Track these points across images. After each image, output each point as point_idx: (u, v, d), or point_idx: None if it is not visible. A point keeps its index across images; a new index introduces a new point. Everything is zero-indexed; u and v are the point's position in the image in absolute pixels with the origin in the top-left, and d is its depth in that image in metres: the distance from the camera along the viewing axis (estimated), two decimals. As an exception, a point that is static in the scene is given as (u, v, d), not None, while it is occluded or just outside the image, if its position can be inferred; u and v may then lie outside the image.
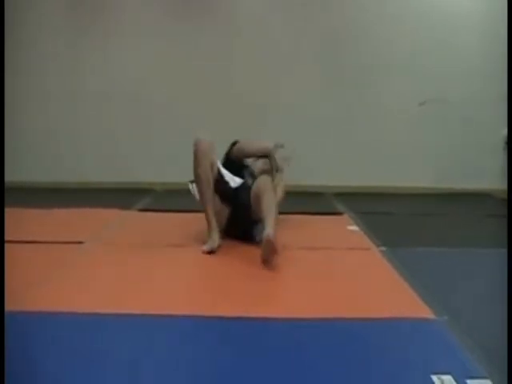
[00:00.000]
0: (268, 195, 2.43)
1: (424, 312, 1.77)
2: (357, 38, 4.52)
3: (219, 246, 2.51)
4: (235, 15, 4.56)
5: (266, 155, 2.79)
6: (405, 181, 4.49)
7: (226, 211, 2.62)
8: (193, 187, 2.65)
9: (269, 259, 2.22)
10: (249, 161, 2.93)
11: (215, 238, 2.51)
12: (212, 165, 2.59)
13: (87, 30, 4.57)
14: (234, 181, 2.68)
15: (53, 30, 4.58)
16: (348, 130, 4.55)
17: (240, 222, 2.62)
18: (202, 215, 2.64)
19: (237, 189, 2.65)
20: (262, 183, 2.52)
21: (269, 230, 2.20)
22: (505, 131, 4.33)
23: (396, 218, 3.48)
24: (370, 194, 4.34)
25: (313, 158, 4.52)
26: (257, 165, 2.95)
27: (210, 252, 2.46)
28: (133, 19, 4.57)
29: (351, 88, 4.53)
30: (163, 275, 2.17)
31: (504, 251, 2.33)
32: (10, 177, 3.41)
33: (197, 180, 2.59)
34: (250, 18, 4.55)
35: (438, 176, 4.53)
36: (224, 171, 2.68)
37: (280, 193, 2.88)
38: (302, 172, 4.48)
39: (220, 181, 2.62)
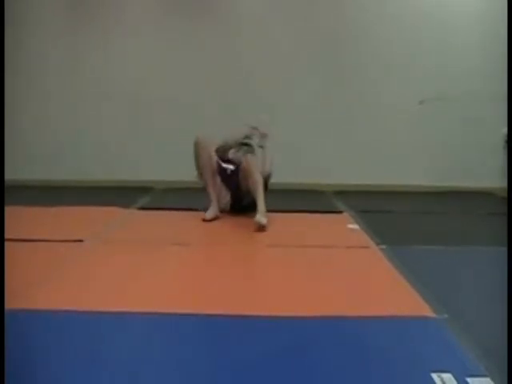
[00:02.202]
0: (253, 178, 3.12)
1: (424, 310, 1.76)
2: (357, 38, 4.52)
3: (217, 217, 3.20)
4: (235, 15, 4.57)
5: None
6: (405, 179, 4.49)
7: (223, 189, 3.34)
8: (197, 176, 3.36)
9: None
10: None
11: (215, 210, 3.22)
12: (210, 157, 3.30)
13: (87, 30, 4.57)
14: (229, 167, 3.33)
15: (53, 30, 4.58)
16: (348, 129, 4.55)
17: (237, 197, 3.36)
18: (200, 214, 3.14)
19: (232, 172, 3.31)
20: (246, 165, 3.19)
21: (259, 216, 2.93)
22: (505, 130, 4.33)
23: (396, 216, 3.48)
24: (370, 193, 4.34)
25: (313, 156, 4.52)
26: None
27: (211, 219, 3.15)
28: (133, 19, 4.57)
29: (351, 88, 4.53)
30: (163, 273, 2.16)
31: (504, 249, 2.33)
32: (10, 175, 3.41)
33: (199, 168, 3.30)
34: (250, 18, 4.55)
35: (438, 175, 4.53)
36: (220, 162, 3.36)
37: (268, 167, 3.40)
38: (302, 170, 4.49)
39: (219, 167, 3.32)
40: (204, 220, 3.13)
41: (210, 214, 3.19)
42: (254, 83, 4.51)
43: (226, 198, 3.37)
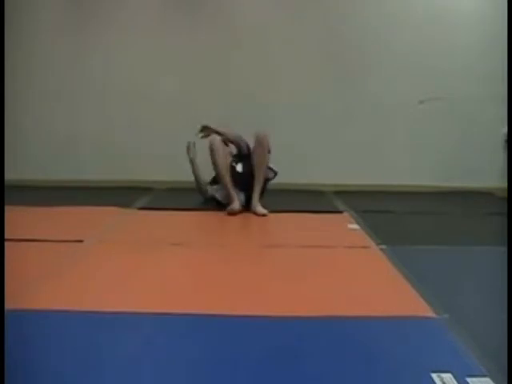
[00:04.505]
0: (258, 170, 3.46)
1: (424, 310, 1.76)
2: (357, 39, 4.52)
3: (240, 211, 3.36)
4: (236, 15, 4.56)
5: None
6: (405, 179, 4.49)
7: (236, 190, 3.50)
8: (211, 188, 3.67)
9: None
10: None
11: (236, 204, 3.37)
12: (226, 155, 3.52)
13: (87, 30, 4.57)
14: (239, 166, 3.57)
15: (53, 30, 4.58)
16: (348, 129, 4.55)
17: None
18: (200, 214, 3.32)
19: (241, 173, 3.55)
20: (257, 156, 3.48)
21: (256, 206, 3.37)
22: (505, 130, 4.33)
23: (396, 216, 3.48)
24: (370, 193, 4.34)
25: (313, 156, 4.53)
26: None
27: (233, 213, 3.31)
28: (133, 19, 4.56)
29: (351, 87, 4.53)
30: (163, 273, 2.17)
31: (504, 249, 2.33)
32: (10, 175, 3.41)
33: (216, 167, 3.46)
34: (252, 18, 4.54)
35: (438, 174, 4.53)
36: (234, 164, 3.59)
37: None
38: (302, 170, 4.50)
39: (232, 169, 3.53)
40: (230, 213, 3.31)
41: (232, 207, 3.35)
42: (254, 83, 4.50)
43: (239, 196, 3.50)
